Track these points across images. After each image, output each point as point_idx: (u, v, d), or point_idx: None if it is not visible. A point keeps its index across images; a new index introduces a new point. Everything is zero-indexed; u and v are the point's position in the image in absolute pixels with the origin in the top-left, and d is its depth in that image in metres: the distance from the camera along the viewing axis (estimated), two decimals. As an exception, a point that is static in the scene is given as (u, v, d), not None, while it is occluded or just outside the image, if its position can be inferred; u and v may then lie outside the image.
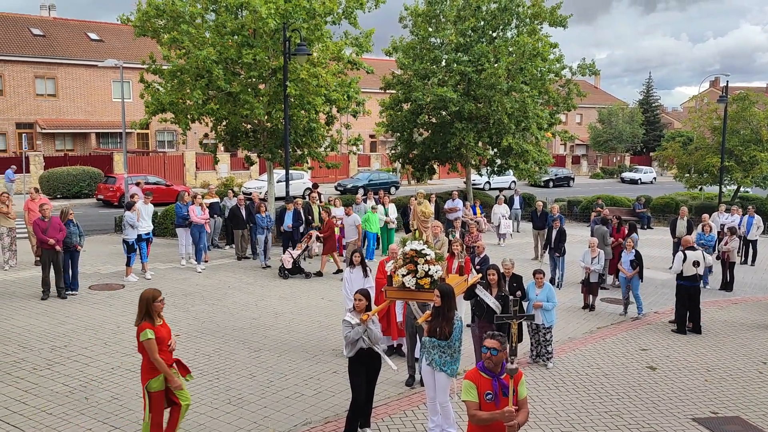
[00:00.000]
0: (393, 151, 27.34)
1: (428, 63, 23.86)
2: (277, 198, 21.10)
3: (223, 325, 11.54)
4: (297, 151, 20.12)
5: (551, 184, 47.47)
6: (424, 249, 7.99)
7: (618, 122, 58.68)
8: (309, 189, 29.20)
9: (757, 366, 10.52)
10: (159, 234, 19.43)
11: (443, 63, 24.23)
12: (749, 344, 11.70)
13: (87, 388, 8.48)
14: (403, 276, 7.99)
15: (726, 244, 16.22)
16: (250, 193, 24.68)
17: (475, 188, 30.39)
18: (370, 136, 51.35)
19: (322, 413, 7.97)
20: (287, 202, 16.94)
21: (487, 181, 38.85)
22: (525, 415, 5.28)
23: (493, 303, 9.01)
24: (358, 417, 7.31)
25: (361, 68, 19.81)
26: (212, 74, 17.43)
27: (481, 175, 28.20)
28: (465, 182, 27.62)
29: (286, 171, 18.35)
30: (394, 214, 19.00)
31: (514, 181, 42.13)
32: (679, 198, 30.97)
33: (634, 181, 54.58)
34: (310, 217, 17.20)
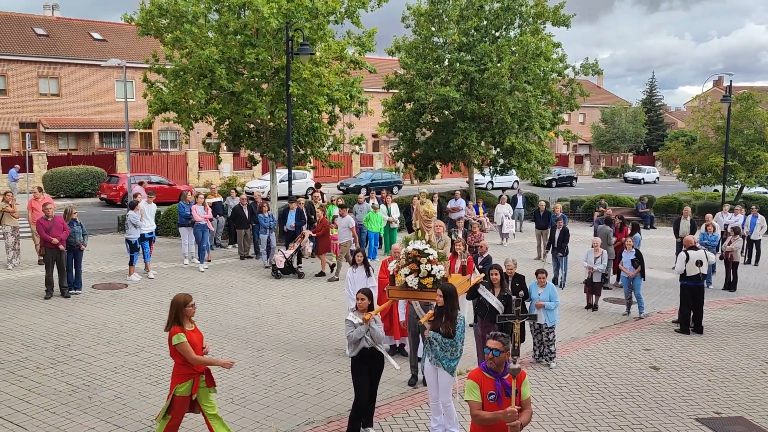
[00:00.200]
0: (396, 151, 27.33)
1: (431, 62, 23.84)
2: (280, 197, 21.11)
3: (226, 324, 11.55)
4: (300, 150, 20.12)
5: (554, 183, 47.43)
6: (426, 249, 7.98)
7: (621, 122, 58.61)
8: (312, 188, 29.19)
9: (760, 366, 10.50)
10: (162, 233, 19.48)
11: (446, 62, 24.19)
12: (753, 344, 11.68)
13: (90, 387, 8.49)
14: (406, 276, 7.99)
15: (729, 244, 16.21)
16: (252, 193, 24.70)
17: (477, 188, 30.35)
18: (373, 136, 51.36)
19: (324, 413, 7.97)
20: (290, 201, 16.96)
21: (490, 181, 38.75)
22: (528, 416, 5.28)
23: (496, 303, 9.01)
24: (360, 416, 7.32)
25: (364, 67, 19.82)
26: (215, 74, 17.44)
27: (483, 174, 28.13)
28: (468, 182, 27.58)
29: (289, 170, 18.36)
30: (396, 213, 19.00)
31: (516, 181, 42.08)
32: (683, 198, 30.91)
33: (637, 181, 54.51)
34: (313, 216, 17.21)
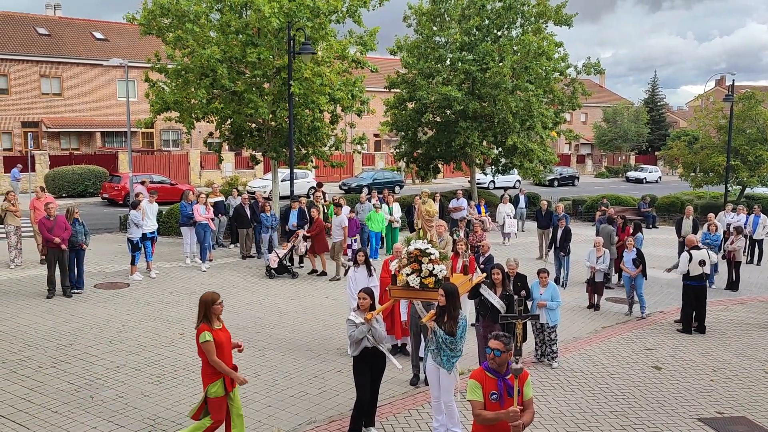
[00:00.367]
0: (397, 150, 27.31)
1: (433, 62, 23.82)
2: (281, 197, 21.12)
3: (228, 323, 11.34)
4: (301, 150, 20.12)
5: (556, 183, 47.40)
6: (428, 248, 7.97)
7: (623, 121, 58.51)
8: (313, 188, 29.22)
9: (763, 366, 10.48)
10: (164, 233, 19.49)
11: (448, 62, 24.18)
12: (755, 344, 11.66)
13: (92, 386, 8.50)
14: (408, 275, 7.98)
15: (732, 244, 16.18)
16: (253, 192, 24.71)
17: (479, 187, 30.31)
18: (375, 135, 51.35)
19: (326, 412, 7.97)
20: (292, 200, 16.95)
21: (492, 180, 38.72)
22: (530, 416, 5.27)
23: (498, 302, 9.01)
24: (362, 416, 7.31)
25: (366, 67, 19.79)
26: (217, 73, 17.45)
27: (485, 174, 28.10)
28: (469, 181, 27.56)
29: (291, 170, 18.35)
30: (398, 213, 18.98)
31: (518, 180, 42.07)
32: (685, 197, 30.85)
33: (639, 181, 54.44)
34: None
